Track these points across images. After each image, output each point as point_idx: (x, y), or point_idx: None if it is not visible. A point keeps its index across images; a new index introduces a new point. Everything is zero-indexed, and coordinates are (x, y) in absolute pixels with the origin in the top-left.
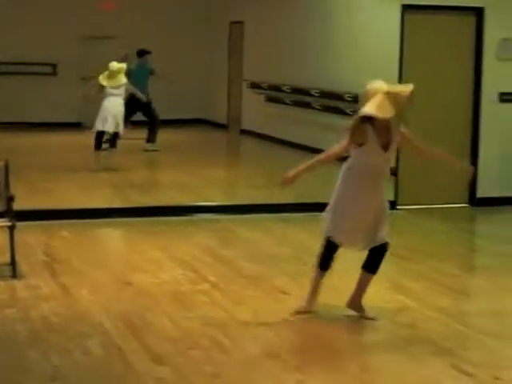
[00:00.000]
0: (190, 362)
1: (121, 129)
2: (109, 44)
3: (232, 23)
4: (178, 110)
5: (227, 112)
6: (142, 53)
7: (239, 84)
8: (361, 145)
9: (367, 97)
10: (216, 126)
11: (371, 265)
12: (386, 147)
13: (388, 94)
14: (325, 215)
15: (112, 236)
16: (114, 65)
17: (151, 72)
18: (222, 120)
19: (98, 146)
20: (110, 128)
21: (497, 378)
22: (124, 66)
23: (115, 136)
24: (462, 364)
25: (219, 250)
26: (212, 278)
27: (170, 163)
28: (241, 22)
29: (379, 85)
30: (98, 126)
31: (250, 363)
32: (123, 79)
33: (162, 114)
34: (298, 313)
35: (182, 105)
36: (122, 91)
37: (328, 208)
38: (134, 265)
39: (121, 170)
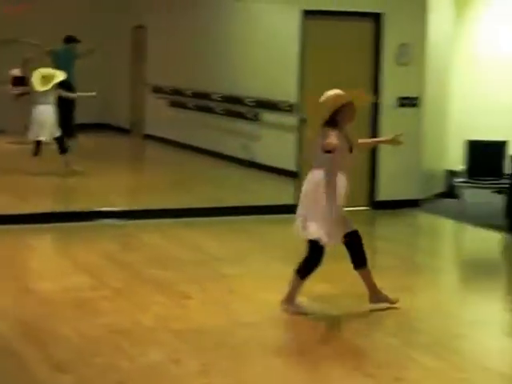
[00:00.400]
0: (93, 370)
1: (58, 134)
2: (10, 47)
3: (135, 28)
4: (79, 114)
5: (130, 116)
6: (69, 39)
7: (142, 88)
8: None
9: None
10: (119, 131)
11: (359, 259)
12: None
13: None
14: (315, 225)
15: (13, 243)
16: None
17: (78, 57)
18: (125, 124)
19: (35, 153)
20: (44, 136)
21: (397, 379)
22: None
23: (58, 142)
24: (364, 365)
25: (122, 255)
26: (115, 284)
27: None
28: (143, 27)
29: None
30: (33, 135)
31: (154, 369)
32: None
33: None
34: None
35: (84, 109)
36: (50, 99)
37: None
38: (35, 271)
39: (19, 174)
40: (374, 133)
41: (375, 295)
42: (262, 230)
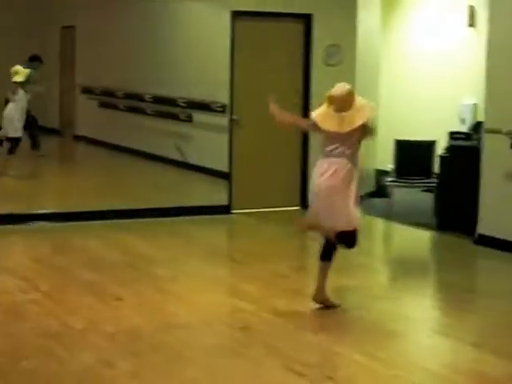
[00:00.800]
0: (22, 375)
1: (18, 134)
2: None
3: (64, 28)
4: None
5: (60, 117)
6: (33, 58)
7: (72, 89)
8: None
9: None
10: (48, 132)
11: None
12: None
13: None
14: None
15: None
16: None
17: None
18: (55, 125)
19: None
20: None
21: (329, 378)
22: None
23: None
24: (295, 364)
25: (53, 258)
26: (44, 287)
27: None
28: (72, 27)
29: None
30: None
31: (85, 373)
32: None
33: None
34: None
35: None
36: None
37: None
38: None
39: None
40: (305, 133)
41: (321, 294)
42: (194, 231)
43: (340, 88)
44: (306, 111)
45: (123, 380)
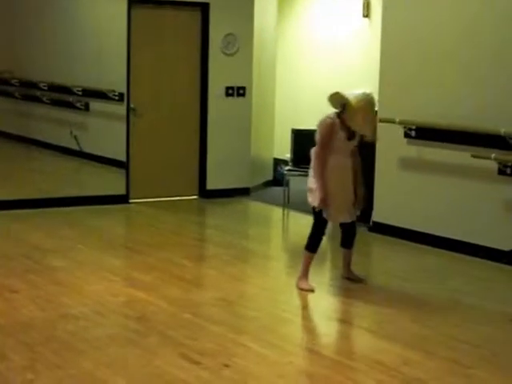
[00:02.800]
0: None
1: None
2: None
3: None
4: None
5: None
6: None
7: None
8: None
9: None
10: None
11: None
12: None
13: None
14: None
15: None
16: None
17: None
18: None
19: None
20: None
21: (226, 366)
22: None
23: None
24: (191, 353)
25: None
26: None
27: None
28: None
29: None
30: None
31: None
32: None
33: None
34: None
35: None
36: None
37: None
38: None
39: None
40: (203, 122)
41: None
42: (90, 221)
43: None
44: (203, 100)
45: (16, 373)
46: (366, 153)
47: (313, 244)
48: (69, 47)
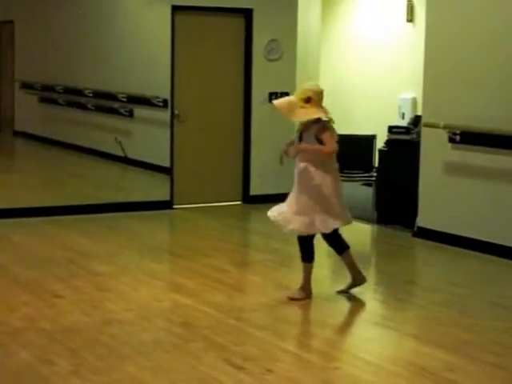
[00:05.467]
0: None
1: None
2: None
3: (1, 23)
4: None
5: None
6: None
7: (11, 84)
8: None
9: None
10: None
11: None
12: None
13: None
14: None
15: None
16: None
17: None
18: None
19: None
20: None
21: (269, 371)
22: None
23: None
24: (235, 358)
25: None
26: None
27: None
28: (11, 22)
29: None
30: None
31: (24, 371)
32: None
33: None
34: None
35: None
36: None
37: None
38: None
39: None
40: (246, 127)
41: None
42: (135, 227)
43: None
44: (246, 106)
45: (62, 378)
46: (410, 158)
47: (303, 254)
48: (113, 54)
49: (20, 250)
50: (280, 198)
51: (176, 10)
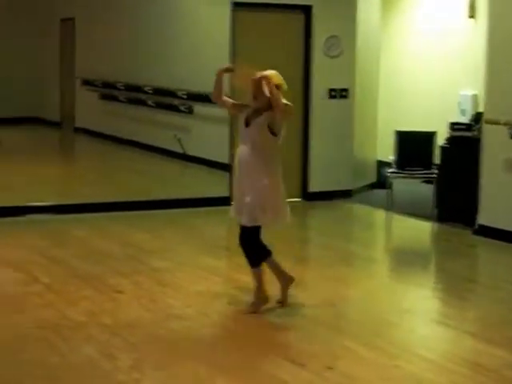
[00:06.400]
0: (22, 366)
1: None
2: None
3: (63, 20)
4: (6, 108)
5: (60, 110)
6: None
7: (72, 81)
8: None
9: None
10: (49, 124)
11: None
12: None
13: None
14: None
15: None
16: None
17: None
18: (55, 118)
19: None
20: None
21: (330, 368)
22: None
23: None
24: (295, 355)
25: (52, 250)
26: (45, 279)
27: None
28: (72, 19)
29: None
30: None
31: (86, 365)
32: None
33: None
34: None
35: (11, 103)
36: None
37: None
38: None
39: None
40: (306, 124)
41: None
42: (194, 223)
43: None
44: (306, 102)
45: (123, 372)
46: (471, 155)
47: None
48: (173, 51)
49: (81, 245)
50: (338, 194)
51: (236, 6)
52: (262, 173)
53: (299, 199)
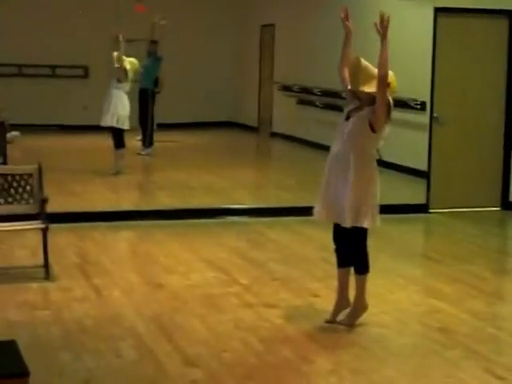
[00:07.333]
0: (222, 365)
1: (122, 125)
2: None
3: (263, 26)
4: (206, 112)
5: (258, 115)
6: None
7: (270, 87)
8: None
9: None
10: (246, 129)
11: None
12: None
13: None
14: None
15: (142, 238)
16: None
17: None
18: (253, 123)
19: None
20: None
21: None
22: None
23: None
24: (495, 368)
25: (249, 252)
26: (243, 281)
27: (199, 165)
28: (272, 25)
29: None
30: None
31: (282, 366)
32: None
33: (191, 117)
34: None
35: (211, 108)
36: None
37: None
38: (164, 267)
39: (147, 172)
40: (507, 132)
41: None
42: (390, 230)
43: None
44: (509, 109)
45: (321, 376)
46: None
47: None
48: (373, 57)
49: (278, 248)
50: None
51: (439, 11)
52: (360, 170)
53: (498, 208)
